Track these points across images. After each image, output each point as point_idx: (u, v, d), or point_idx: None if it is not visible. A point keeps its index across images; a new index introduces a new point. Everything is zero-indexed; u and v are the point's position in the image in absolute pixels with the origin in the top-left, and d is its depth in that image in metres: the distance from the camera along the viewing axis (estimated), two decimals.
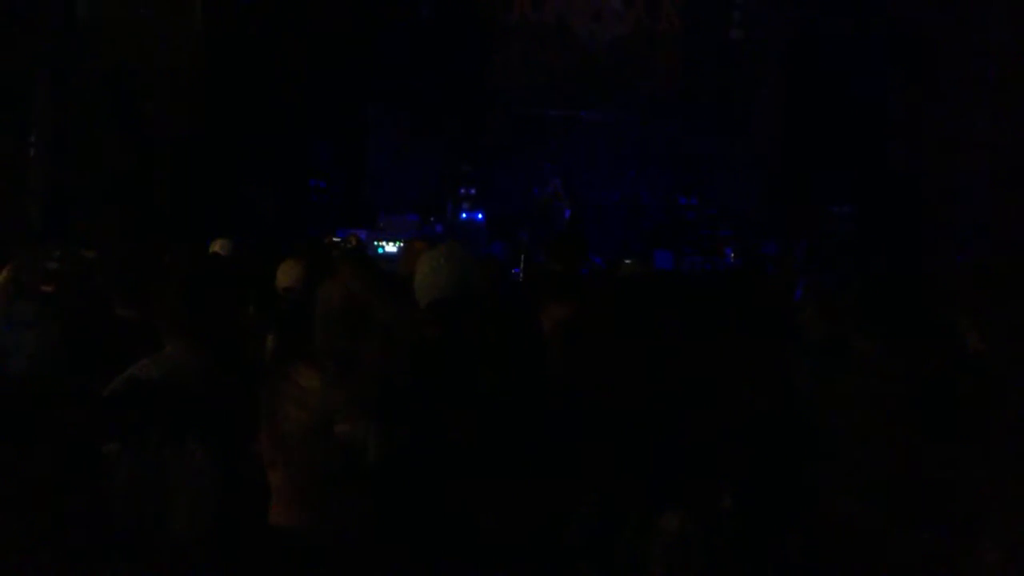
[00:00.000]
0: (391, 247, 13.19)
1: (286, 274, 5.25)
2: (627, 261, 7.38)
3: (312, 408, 2.11)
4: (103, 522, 2.57)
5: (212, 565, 2.13)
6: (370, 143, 16.70)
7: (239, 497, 2.38)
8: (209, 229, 9.06)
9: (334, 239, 8.58)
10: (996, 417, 2.25)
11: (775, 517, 2.33)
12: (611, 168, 15.96)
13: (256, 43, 13.81)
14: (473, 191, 15.90)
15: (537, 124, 16.30)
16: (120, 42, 12.34)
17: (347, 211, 15.30)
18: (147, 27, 12.63)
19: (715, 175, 16.04)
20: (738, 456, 2.45)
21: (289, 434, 2.10)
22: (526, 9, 16.41)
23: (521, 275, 9.20)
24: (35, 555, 2.68)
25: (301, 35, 14.48)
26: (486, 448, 3.15)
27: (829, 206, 15.02)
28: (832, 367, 4.32)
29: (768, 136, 15.92)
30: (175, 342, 3.26)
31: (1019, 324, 3.12)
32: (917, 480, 3.20)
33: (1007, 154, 13.15)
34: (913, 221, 13.75)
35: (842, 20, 14.65)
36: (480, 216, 15.50)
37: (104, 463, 2.61)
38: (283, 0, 14.24)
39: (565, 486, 2.46)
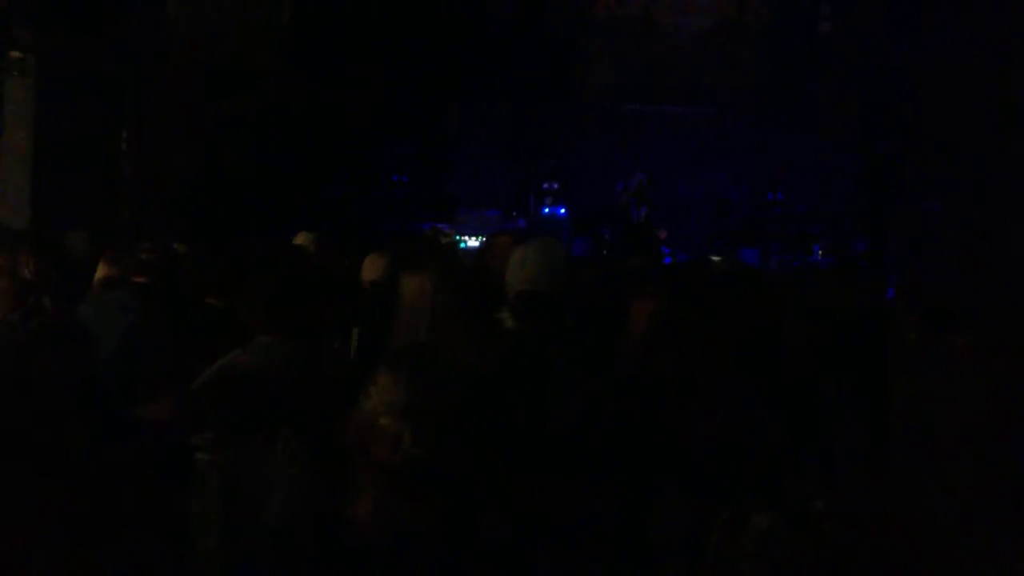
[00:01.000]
0: (472, 241, 13.25)
1: (371, 268, 5.32)
2: (714, 258, 7.30)
3: (373, 401, 2.18)
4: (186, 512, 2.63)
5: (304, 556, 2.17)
6: (453, 138, 16.80)
7: (329, 488, 2.41)
8: (293, 224, 9.17)
9: (424, 232, 8.62)
10: None
11: (863, 521, 2.30)
12: (696, 163, 15.82)
13: (341, 39, 13.95)
14: (556, 186, 15.89)
15: (621, 119, 16.23)
16: (208, 39, 12.54)
17: (429, 205, 15.40)
18: (235, 24, 12.82)
19: (803, 171, 15.83)
20: (831, 458, 2.42)
21: (358, 425, 2.18)
22: (611, 3, 16.35)
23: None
24: (121, 544, 2.75)
25: (386, 31, 14.60)
26: (564, 441, 3.16)
27: (920, 202, 14.73)
28: (927, 367, 4.25)
29: (853, 131, 15.68)
30: (266, 333, 3.32)
31: None
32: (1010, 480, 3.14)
33: None
34: (1002, 217, 13.45)
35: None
36: (562, 211, 15.48)
37: (194, 454, 2.67)
38: None
39: (645, 480, 2.46)
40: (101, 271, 4.59)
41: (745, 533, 2.22)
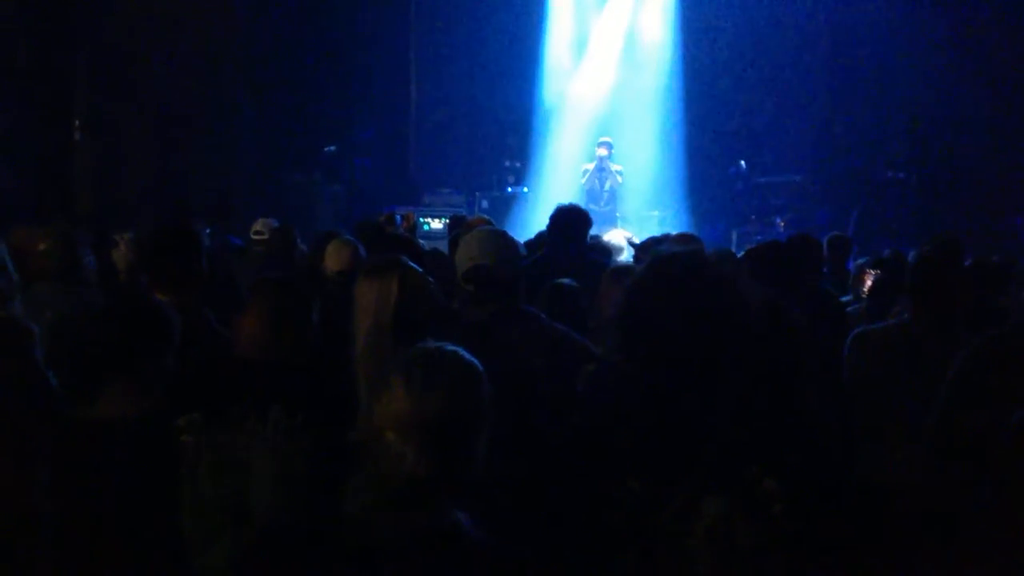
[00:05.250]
0: (436, 223, 13.20)
1: (335, 258, 5.24)
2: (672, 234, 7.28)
3: (382, 409, 2.15)
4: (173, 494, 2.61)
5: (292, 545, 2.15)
6: (413, 120, 16.74)
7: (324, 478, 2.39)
8: (254, 211, 9.12)
9: (386, 217, 8.55)
10: None
11: (819, 498, 2.30)
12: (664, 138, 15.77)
13: (294, 23, 13.84)
14: (519, 164, 15.86)
15: None
16: (156, 25, 12.40)
17: (392, 189, 15.34)
18: (183, 11, 12.68)
19: (765, 142, 15.88)
20: (782, 438, 2.42)
21: (367, 431, 2.18)
22: None
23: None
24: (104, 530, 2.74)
25: (341, 12, 14.52)
26: (528, 429, 3.16)
27: (885, 173, 14.85)
28: (881, 336, 4.28)
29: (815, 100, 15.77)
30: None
31: None
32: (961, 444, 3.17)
33: None
34: (965, 186, 13.63)
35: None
36: (525, 190, 15.45)
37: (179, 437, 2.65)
38: None
39: (607, 468, 2.45)
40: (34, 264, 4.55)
41: (697, 517, 2.22)
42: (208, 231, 8.21)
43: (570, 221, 6.11)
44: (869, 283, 5.84)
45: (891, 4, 14.42)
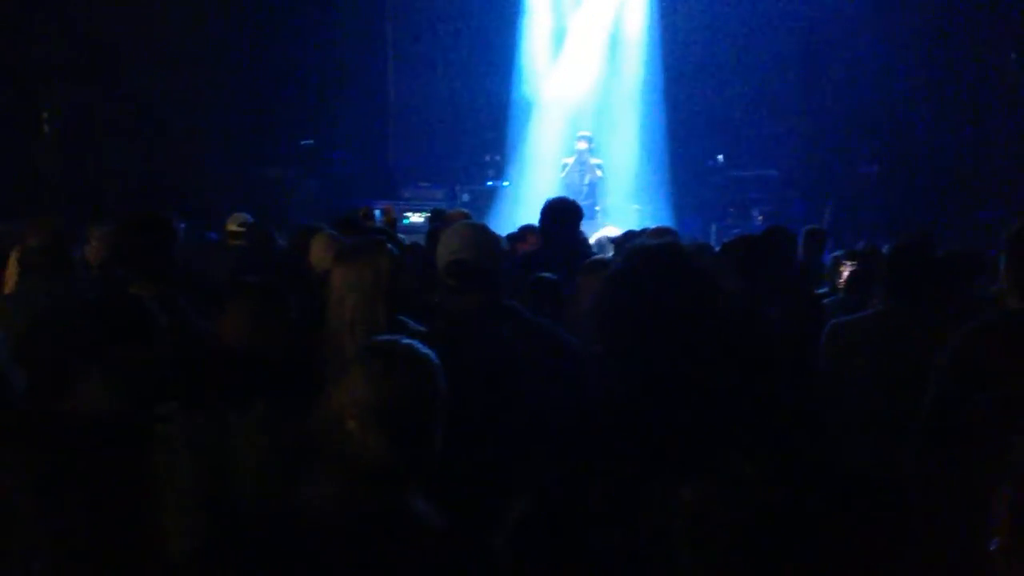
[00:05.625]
0: (416, 217, 13.18)
1: (321, 257, 5.19)
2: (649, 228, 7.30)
3: (341, 397, 2.17)
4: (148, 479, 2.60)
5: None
6: (391, 114, 16.70)
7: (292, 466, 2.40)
8: (230, 205, 9.07)
9: (365, 211, 8.54)
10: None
11: (796, 483, 2.30)
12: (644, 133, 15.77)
13: (271, 15, 13.77)
14: (498, 158, 15.85)
15: None
16: (131, 18, 12.31)
17: (371, 183, 15.30)
18: (158, 4, 12.60)
19: (744, 139, 15.94)
20: (759, 423, 2.43)
21: (326, 418, 2.17)
22: None
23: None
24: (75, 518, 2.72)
25: (318, 5, 14.46)
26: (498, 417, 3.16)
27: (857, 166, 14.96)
28: (858, 327, 4.30)
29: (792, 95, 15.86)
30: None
31: None
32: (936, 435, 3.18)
33: None
34: (934, 181, 13.76)
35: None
36: (505, 183, 15.44)
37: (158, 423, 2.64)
38: None
39: (588, 456, 2.45)
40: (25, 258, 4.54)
41: (676, 503, 2.22)
42: (183, 225, 8.17)
43: (562, 214, 6.13)
44: (846, 274, 5.87)
45: (864, 4, 14.51)
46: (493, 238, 3.71)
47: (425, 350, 2.28)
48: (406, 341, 2.28)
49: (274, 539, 2.13)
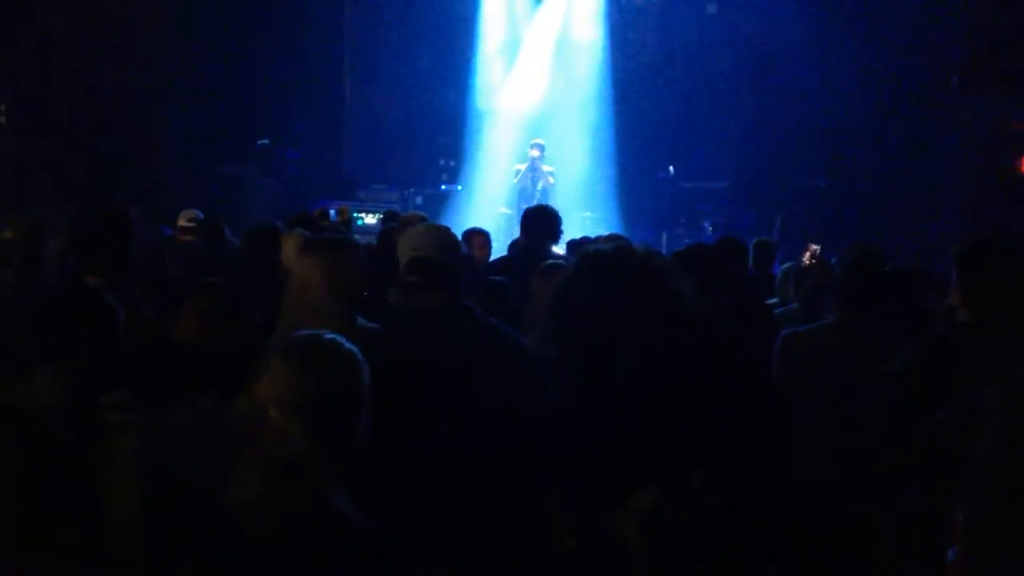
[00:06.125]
0: (370, 219, 13.13)
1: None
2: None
3: (263, 389, 2.17)
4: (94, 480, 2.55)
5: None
6: (347, 115, 16.63)
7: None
8: (185, 203, 8.97)
9: (320, 211, 8.51)
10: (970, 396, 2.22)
11: (750, 493, 2.30)
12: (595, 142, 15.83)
13: (228, 15, 13.64)
14: (453, 163, 15.85)
15: None
16: (88, 14, 12.16)
17: (326, 183, 15.21)
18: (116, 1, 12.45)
19: (695, 150, 16.04)
20: (713, 429, 2.42)
21: (247, 412, 2.18)
22: None
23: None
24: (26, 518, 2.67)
25: (275, 5, 14.37)
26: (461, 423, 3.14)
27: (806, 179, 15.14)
28: (810, 338, 4.33)
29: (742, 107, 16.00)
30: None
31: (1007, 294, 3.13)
32: (891, 448, 3.21)
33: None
34: (882, 194, 13.99)
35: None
36: (459, 188, 15.44)
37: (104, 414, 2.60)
38: None
39: (542, 460, 2.44)
40: None
41: (630, 509, 2.21)
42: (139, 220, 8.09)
43: (543, 221, 6.30)
44: (808, 254, 5.90)
45: (812, 15, 14.68)
46: (455, 239, 3.73)
47: (349, 346, 2.28)
48: (330, 336, 2.28)
49: (203, 536, 2.13)
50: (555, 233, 6.39)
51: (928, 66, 14.11)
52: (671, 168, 15.61)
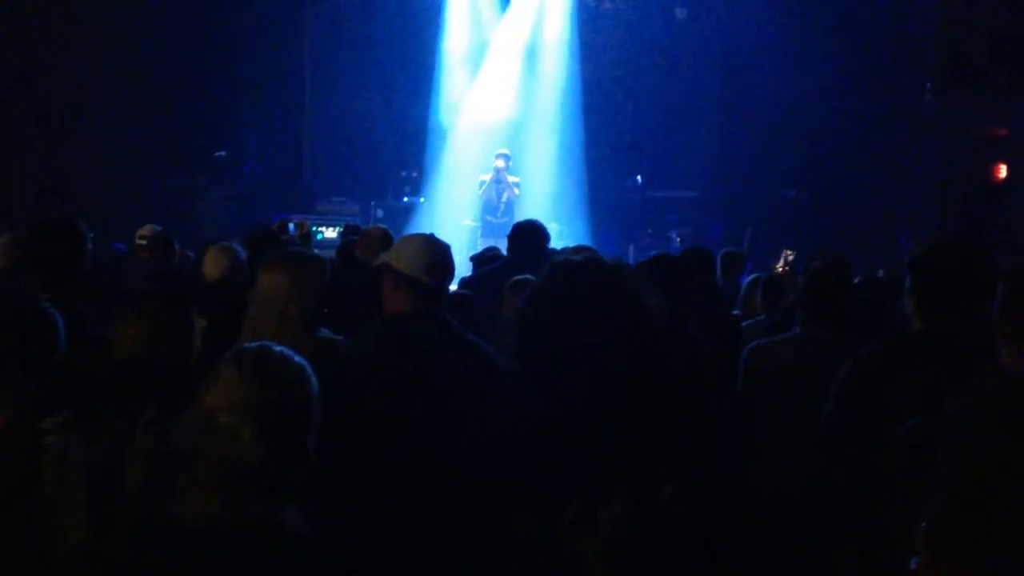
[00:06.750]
0: (330, 232, 13.09)
1: (214, 266, 5.22)
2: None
3: (213, 397, 2.16)
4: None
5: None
6: (307, 126, 16.58)
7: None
8: (138, 215, 8.94)
9: (279, 225, 8.50)
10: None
11: (717, 505, 2.33)
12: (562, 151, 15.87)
13: (182, 21, 13.59)
14: (416, 174, 15.83)
15: None
16: (36, 20, 12.07)
17: (284, 196, 15.16)
18: (65, 7, 12.37)
19: (663, 159, 16.11)
20: (681, 442, 2.44)
21: (194, 421, 2.16)
22: None
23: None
24: None
25: (232, 12, 14.32)
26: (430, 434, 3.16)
27: (779, 188, 15.23)
28: (776, 350, 4.38)
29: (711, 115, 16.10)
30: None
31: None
32: (862, 463, 3.25)
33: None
34: (853, 205, 14.10)
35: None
36: (421, 199, 15.43)
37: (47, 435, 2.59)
38: None
39: (505, 476, 2.45)
40: None
41: (594, 526, 2.23)
42: (92, 234, 8.07)
43: (531, 236, 6.44)
44: (782, 262, 5.95)
45: (784, 23, 14.80)
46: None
47: (298, 359, 2.29)
48: (279, 348, 2.29)
49: (148, 554, 2.12)
50: (544, 251, 6.45)
51: (902, 71, 14.24)
52: (638, 178, 15.69)
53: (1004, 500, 1.73)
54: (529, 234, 6.47)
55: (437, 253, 3.70)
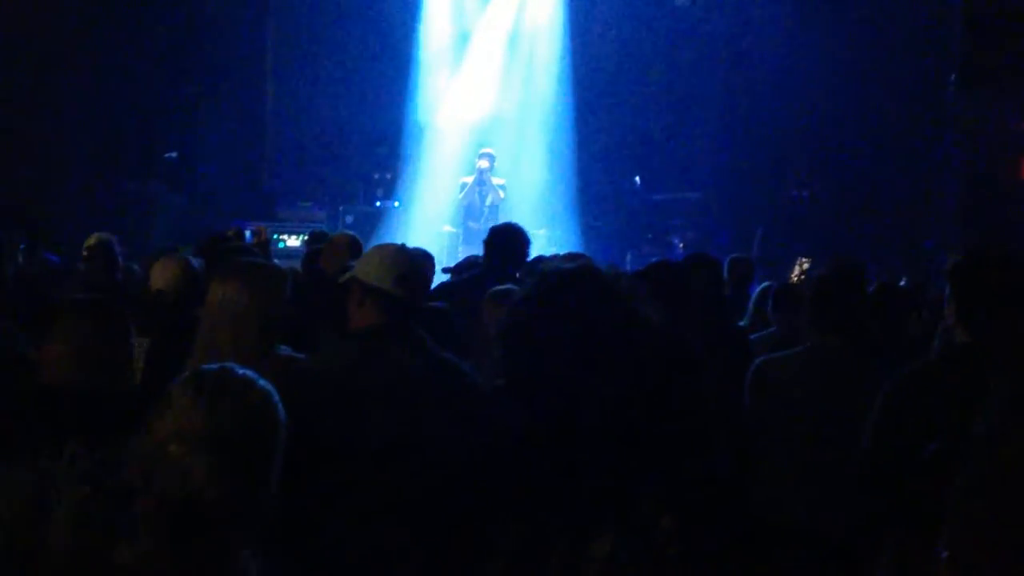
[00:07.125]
0: (293, 241, 13.06)
1: (161, 276, 5.21)
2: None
3: (164, 426, 2.12)
4: None
5: None
6: (269, 124, 16.55)
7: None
8: (83, 223, 8.91)
9: (234, 231, 8.46)
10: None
11: (716, 537, 2.32)
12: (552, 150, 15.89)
13: (131, 13, 13.57)
14: (389, 176, 15.80)
15: None
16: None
17: (243, 201, 15.11)
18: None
19: (664, 159, 16.12)
20: (678, 471, 2.43)
21: (144, 452, 2.11)
22: None
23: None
24: None
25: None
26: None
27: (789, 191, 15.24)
28: (784, 364, 4.37)
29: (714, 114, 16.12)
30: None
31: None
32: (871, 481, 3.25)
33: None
34: (875, 207, 14.10)
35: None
36: (396, 204, 15.39)
37: None
38: None
39: (489, 506, 2.44)
40: None
41: (586, 561, 2.21)
42: (22, 246, 8.08)
43: (510, 242, 6.41)
44: (798, 271, 5.94)
45: (793, 7, 14.83)
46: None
47: (264, 383, 2.25)
48: (242, 371, 2.25)
49: None
50: (525, 256, 6.43)
51: (922, 63, 14.26)
52: (637, 178, 15.69)
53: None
54: (508, 239, 6.43)
55: (408, 263, 3.74)
